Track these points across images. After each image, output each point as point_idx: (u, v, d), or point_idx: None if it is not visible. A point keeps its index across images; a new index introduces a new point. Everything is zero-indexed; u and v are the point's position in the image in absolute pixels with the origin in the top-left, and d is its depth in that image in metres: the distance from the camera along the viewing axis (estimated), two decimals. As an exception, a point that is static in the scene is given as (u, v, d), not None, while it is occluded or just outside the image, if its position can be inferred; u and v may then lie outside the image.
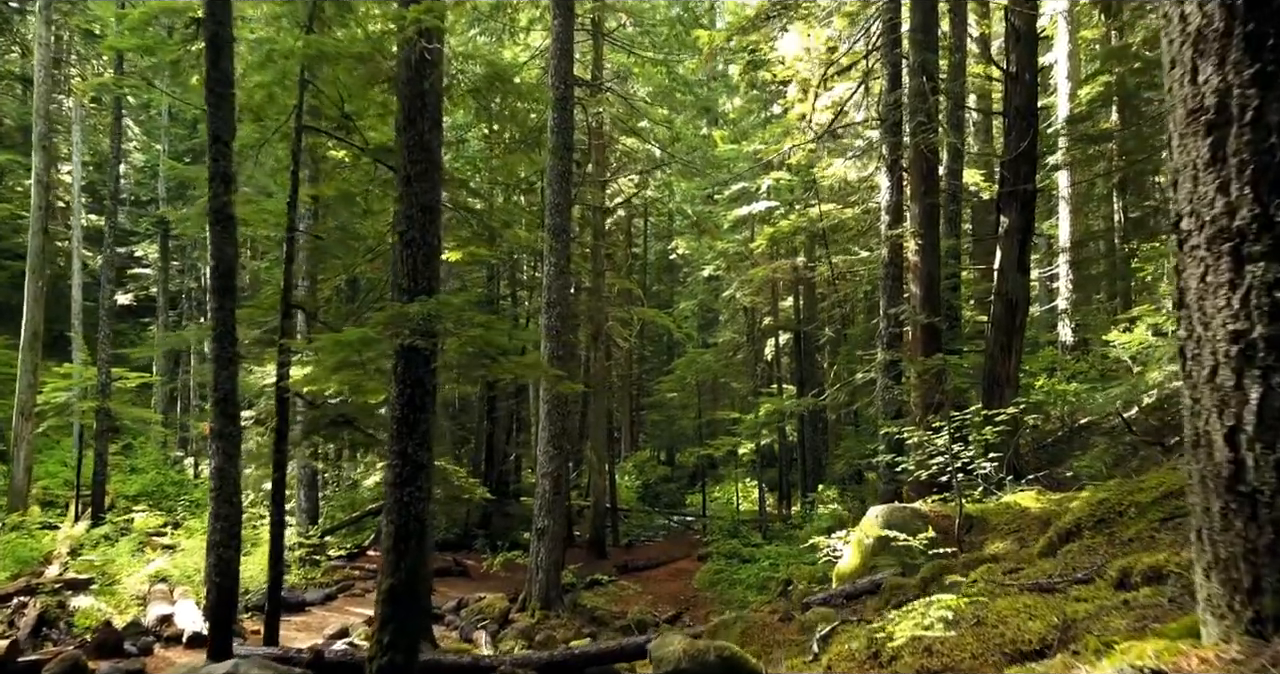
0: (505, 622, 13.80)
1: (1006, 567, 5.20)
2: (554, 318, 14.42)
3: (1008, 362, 12.22)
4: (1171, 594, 3.16)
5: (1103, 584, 3.66)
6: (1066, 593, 3.91)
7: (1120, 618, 3.04)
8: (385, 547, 6.82)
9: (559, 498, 14.40)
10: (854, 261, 22.59)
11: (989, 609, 3.78)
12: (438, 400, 23.97)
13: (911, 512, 8.54)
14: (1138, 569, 3.51)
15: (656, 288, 44.18)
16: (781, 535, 19.47)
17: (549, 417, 14.37)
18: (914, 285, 12.92)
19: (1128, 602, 3.27)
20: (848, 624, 4.79)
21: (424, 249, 7.00)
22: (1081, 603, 3.48)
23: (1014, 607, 3.65)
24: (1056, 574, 4.47)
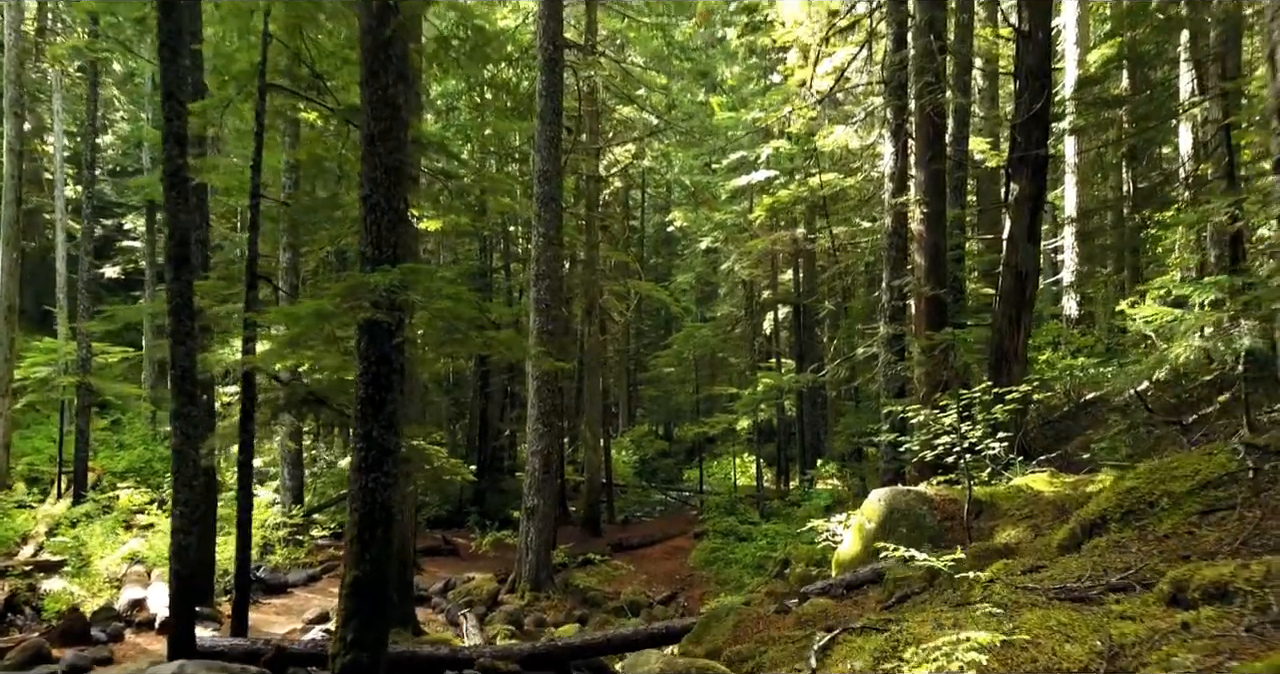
0: (494, 604, 13.39)
1: (1025, 563, 4.69)
2: (543, 291, 13.86)
3: (1016, 336, 11.68)
4: (1248, 621, 2.64)
5: (1151, 598, 3.14)
6: (1104, 604, 3.39)
7: (1182, 648, 2.53)
8: (349, 536, 6.32)
9: (549, 476, 13.94)
10: (855, 232, 21.99)
11: (1016, 623, 3.27)
12: (431, 375, 23.40)
13: (916, 495, 8.04)
14: (1196, 582, 2.99)
15: (654, 261, 43.62)
16: (779, 513, 19.04)
17: (539, 393, 13.86)
18: (918, 256, 12.34)
19: (1187, 625, 2.76)
20: (849, 634, 4.29)
21: (389, 214, 6.43)
22: (1128, 622, 2.96)
23: (1045, 622, 3.14)
24: (1086, 576, 3.95)
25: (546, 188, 13.87)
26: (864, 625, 4.26)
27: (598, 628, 13.15)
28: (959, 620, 3.58)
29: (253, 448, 8.64)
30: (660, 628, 7.79)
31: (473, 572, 16.07)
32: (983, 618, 3.50)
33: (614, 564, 15.91)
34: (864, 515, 8.33)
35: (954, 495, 8.07)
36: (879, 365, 12.45)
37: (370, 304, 6.16)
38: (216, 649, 7.87)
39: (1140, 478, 5.20)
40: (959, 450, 8.03)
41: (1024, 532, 6.88)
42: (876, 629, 4.16)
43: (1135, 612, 3.06)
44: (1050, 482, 7.95)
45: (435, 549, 17.61)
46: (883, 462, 12.41)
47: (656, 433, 38.12)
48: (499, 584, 14.41)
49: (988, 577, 4.66)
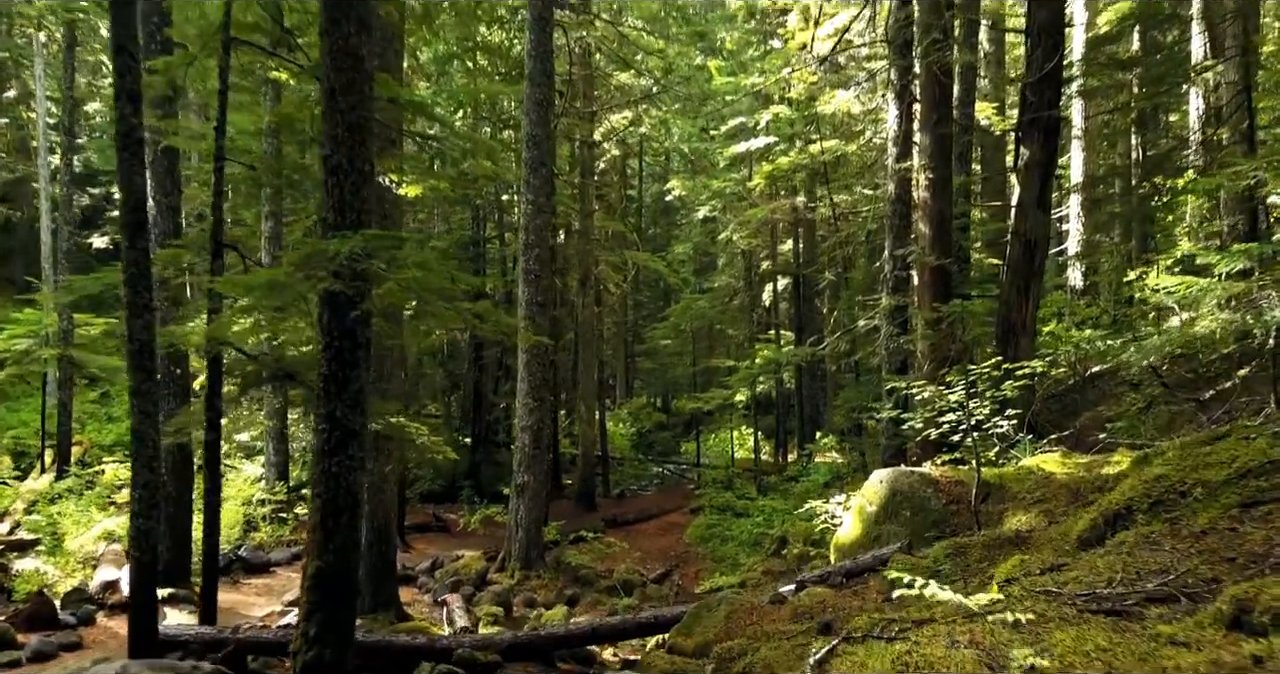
0: (482, 583, 13.01)
1: (1044, 560, 4.24)
2: (533, 261, 13.34)
3: (1024, 307, 11.18)
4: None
5: (1205, 618, 2.69)
6: (1145, 619, 2.94)
7: (1261, 695, 2.12)
8: (312, 523, 5.88)
9: (540, 452, 13.51)
10: (857, 201, 21.42)
11: (1044, 643, 2.82)
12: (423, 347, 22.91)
13: (920, 477, 7.60)
14: (1265, 603, 2.53)
15: (653, 231, 42.99)
16: (777, 488, 18.68)
17: (528, 367, 13.39)
18: (923, 224, 11.82)
19: (1260, 659, 2.31)
20: (849, 644, 3.84)
21: (352, 176, 5.91)
22: (1182, 649, 2.51)
23: (1080, 645, 2.69)
24: (1118, 581, 3.50)
25: (535, 153, 13.30)
26: (866, 633, 3.81)
27: (588, 608, 12.82)
28: (976, 637, 3.13)
29: (220, 426, 8.17)
30: (649, 617, 7.39)
31: (463, 549, 15.71)
32: (1004, 634, 3.04)
33: (607, 541, 15.56)
34: (864, 497, 7.89)
35: (960, 477, 7.63)
36: (881, 338, 11.98)
37: (331, 274, 5.67)
38: (180, 638, 7.48)
39: (1169, 464, 4.74)
40: (965, 429, 7.58)
41: (1036, 518, 6.44)
42: (881, 638, 3.71)
43: (1189, 635, 2.61)
44: (1062, 462, 7.50)
45: (425, 526, 17.26)
46: (884, 438, 11.98)
47: (654, 405, 37.74)
48: (488, 562, 14.04)
49: (1003, 575, 4.21)
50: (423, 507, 20.23)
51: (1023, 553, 5.13)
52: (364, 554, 10.39)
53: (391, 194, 10.32)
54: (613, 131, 24.00)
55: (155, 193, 11.25)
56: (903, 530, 7.32)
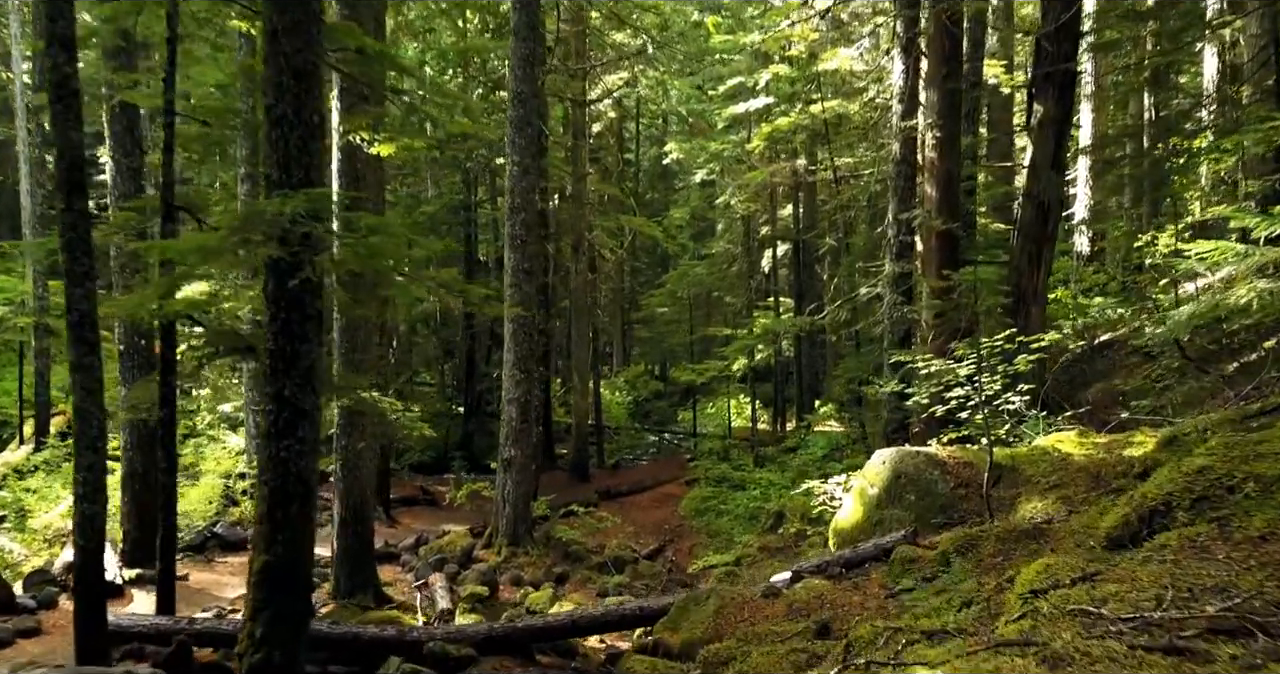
0: (468, 560, 12.55)
1: (1073, 565, 3.69)
2: (518, 225, 12.71)
3: (1036, 274, 10.59)
4: None
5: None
6: (1214, 662, 2.40)
7: None
8: (259, 513, 5.35)
9: (527, 426, 12.99)
10: (859, 163, 20.71)
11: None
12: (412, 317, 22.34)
13: (925, 458, 7.06)
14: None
15: (650, 195, 42.22)
16: (774, 459, 18.21)
17: (514, 337, 12.81)
18: (929, 186, 11.18)
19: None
20: (852, 672, 3.30)
21: (299, 129, 5.29)
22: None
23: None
24: (1169, 601, 2.95)
25: (521, 111, 12.60)
26: (869, 660, 3.28)
27: (577, 586, 12.37)
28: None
29: (174, 402, 7.62)
30: (633, 608, 6.90)
31: (451, 524, 15.27)
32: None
33: (599, 515, 15.10)
34: (866, 479, 7.36)
35: (969, 458, 7.09)
36: (883, 307, 11.39)
37: (276, 239, 5.07)
38: (133, 630, 7.00)
39: (1214, 454, 4.18)
40: (974, 405, 7.03)
41: (1053, 504, 5.91)
42: (888, 664, 3.18)
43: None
44: (1079, 442, 6.96)
45: (412, 499, 16.78)
46: (886, 411, 11.44)
47: (652, 372, 37.23)
48: (475, 539, 13.58)
49: (1026, 584, 3.67)
50: (412, 479, 19.78)
51: (1042, 547, 4.61)
52: (339, 534, 9.93)
53: (364, 154, 9.67)
54: (607, 92, 23.21)
55: (115, 152, 10.63)
56: (907, 515, 6.80)
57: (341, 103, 9.63)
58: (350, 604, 9.54)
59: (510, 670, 6.63)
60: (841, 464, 14.64)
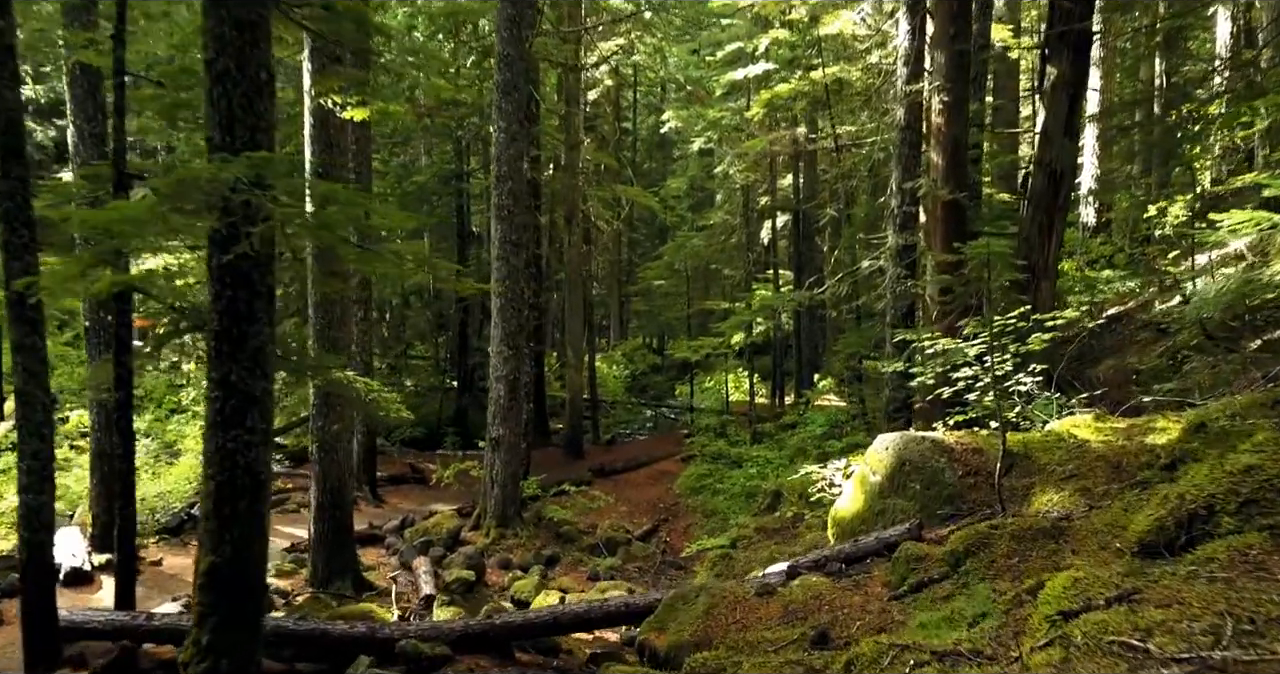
0: (455, 543, 12.16)
1: (1104, 580, 3.24)
2: (505, 195, 12.16)
3: (1047, 247, 10.10)
4: None
5: None
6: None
7: None
8: (204, 510, 4.89)
9: (516, 403, 12.54)
10: (860, 131, 20.08)
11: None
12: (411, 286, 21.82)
13: (932, 444, 6.60)
14: None
15: (648, 165, 41.54)
16: (772, 436, 17.80)
17: (502, 313, 12.32)
18: (935, 153, 10.63)
19: None
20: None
21: (242, 85, 4.76)
22: None
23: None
24: (1228, 634, 2.50)
25: (508, 74, 12.01)
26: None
27: (568, 569, 11.99)
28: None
29: (130, 383, 7.15)
30: (618, 604, 6.47)
31: (440, 503, 14.89)
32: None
33: (591, 494, 14.71)
34: (868, 465, 6.91)
35: (977, 443, 6.63)
36: (886, 281, 10.89)
37: (217, 209, 4.57)
38: (87, 626, 6.59)
39: (1264, 452, 3.71)
40: (983, 386, 6.54)
41: (1071, 497, 5.45)
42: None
43: None
44: (1096, 427, 6.50)
45: (401, 478, 16.38)
46: (888, 388, 10.97)
47: (650, 346, 36.75)
48: (463, 519, 13.19)
49: (1053, 602, 3.22)
50: (403, 455, 19.39)
51: (1062, 548, 4.17)
52: (316, 519, 9.52)
53: (337, 119, 9.12)
54: (603, 58, 22.52)
55: (76, 117, 10.08)
56: (911, 506, 6.36)
57: (312, 64, 9.07)
58: (326, 593, 9.15)
59: (487, 671, 6.22)
60: (841, 442, 14.23)
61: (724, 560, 11.75)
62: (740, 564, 11.29)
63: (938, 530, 5.99)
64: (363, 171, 14.17)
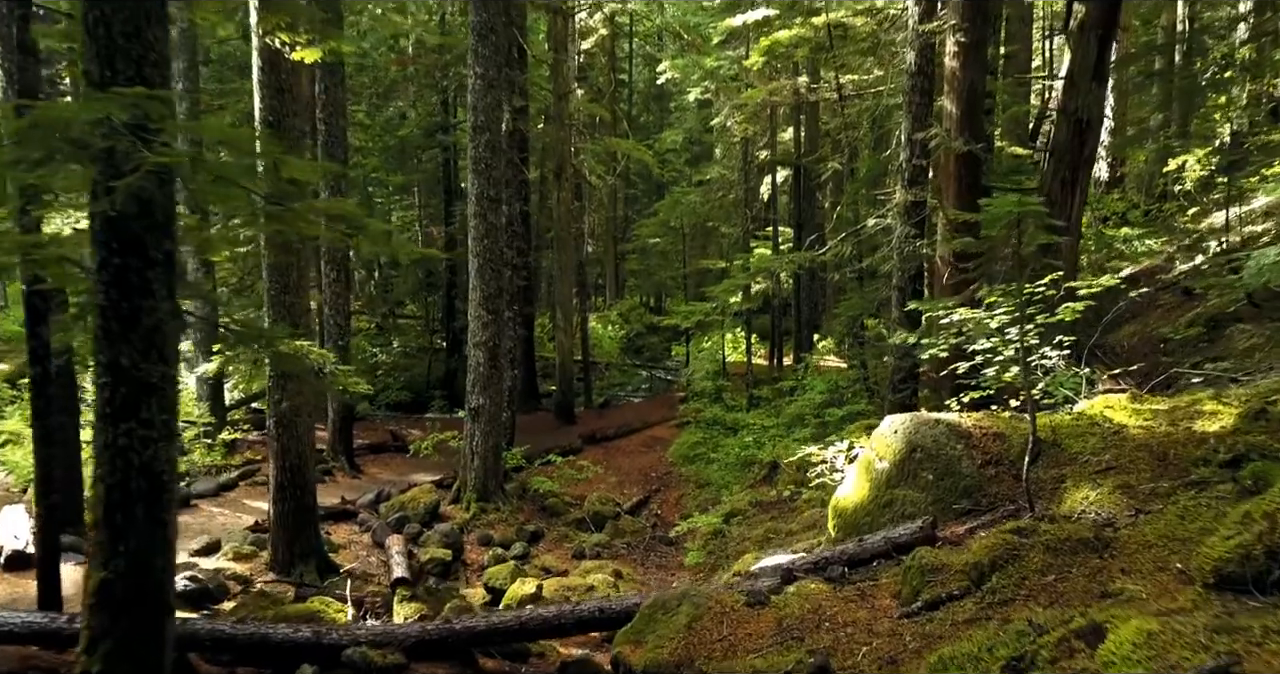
0: (433, 518, 11.51)
1: (1189, 636, 2.50)
2: (482, 146, 11.28)
3: (1070, 203, 9.25)
4: None
5: None
6: None
7: None
8: (94, 517, 4.16)
9: (496, 371, 11.79)
10: (865, 83, 19.04)
11: None
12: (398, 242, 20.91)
13: (946, 428, 5.84)
14: None
15: (645, 119, 40.36)
16: (770, 402, 17.09)
17: (480, 274, 11.51)
18: (949, 101, 9.72)
19: None
20: None
21: (126, 9, 3.91)
22: None
23: None
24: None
25: (484, 15, 11.04)
26: None
27: (552, 547, 11.34)
28: None
29: (47, 359, 6.38)
30: (591, 610, 5.76)
31: (421, 473, 14.22)
32: None
33: (579, 464, 14.03)
34: (874, 450, 6.16)
35: (999, 427, 5.87)
36: (893, 240, 10.05)
37: (88, 157, 3.74)
38: (3, 628, 5.88)
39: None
40: (1003, 360, 5.77)
41: (1111, 496, 4.71)
42: None
43: None
44: (1133, 409, 5.74)
45: (381, 446, 15.67)
46: (893, 356, 10.19)
47: (647, 304, 35.91)
48: (444, 491, 12.53)
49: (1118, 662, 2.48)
50: (386, 420, 18.70)
51: (1108, 565, 3.43)
52: (275, 499, 8.83)
53: (288, 62, 8.21)
54: (596, 4, 21.41)
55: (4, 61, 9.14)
56: (923, 498, 5.63)
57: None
58: (286, 580, 8.49)
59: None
60: (841, 409, 13.51)
61: (716, 538, 11.11)
62: (733, 542, 10.64)
63: (954, 527, 5.27)
64: (334, 123, 13.26)
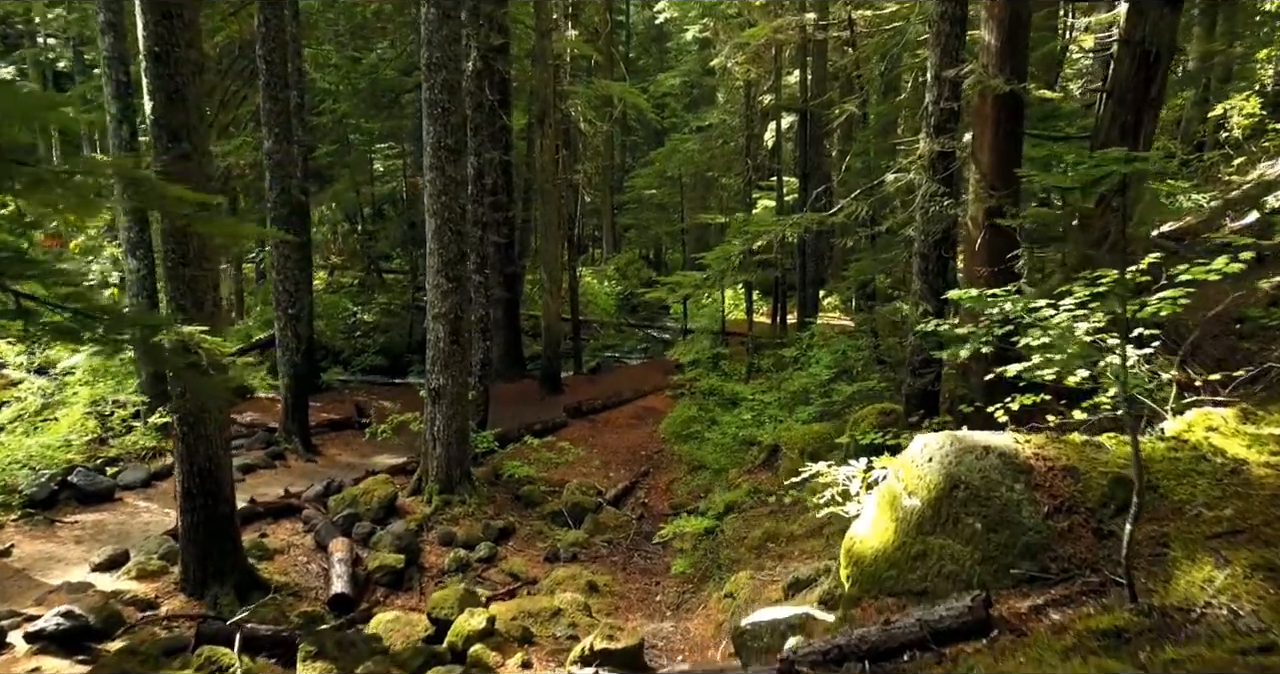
0: (390, 513, 10.21)
1: None
2: (438, 88, 9.70)
3: (1132, 154, 7.67)
4: None
5: None
6: None
7: None
8: None
9: (459, 348, 10.38)
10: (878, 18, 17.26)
11: None
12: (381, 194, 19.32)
13: (999, 459, 4.41)
14: None
15: (644, 61, 38.40)
16: (772, 371, 15.69)
17: (438, 235, 10.02)
18: (987, 31, 8.09)
19: None
20: None
21: None
22: None
23: None
24: None
25: (438, -69, 9.38)
26: None
27: (523, 546, 10.02)
28: None
29: None
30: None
31: (386, 454, 12.89)
32: None
33: (560, 446, 12.68)
34: (903, 482, 4.74)
35: (1067, 458, 4.44)
36: (917, 199, 8.52)
37: None
38: None
39: None
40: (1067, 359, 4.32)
41: (1248, 582, 3.30)
42: None
43: None
44: (1249, 433, 4.31)
45: (344, 422, 14.29)
46: (913, 334, 8.72)
47: (647, 257, 34.34)
48: (406, 478, 11.21)
49: None
50: (356, 391, 17.32)
51: None
52: (182, 509, 7.49)
53: None
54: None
55: None
56: (967, 554, 4.24)
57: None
58: (211, 593, 7.19)
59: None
60: (851, 386, 12.10)
61: (708, 537, 9.80)
62: (726, 546, 9.30)
63: (1013, 601, 3.89)
64: (275, 60, 11.65)
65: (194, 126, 6.99)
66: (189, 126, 6.95)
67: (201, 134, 7.10)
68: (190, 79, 6.94)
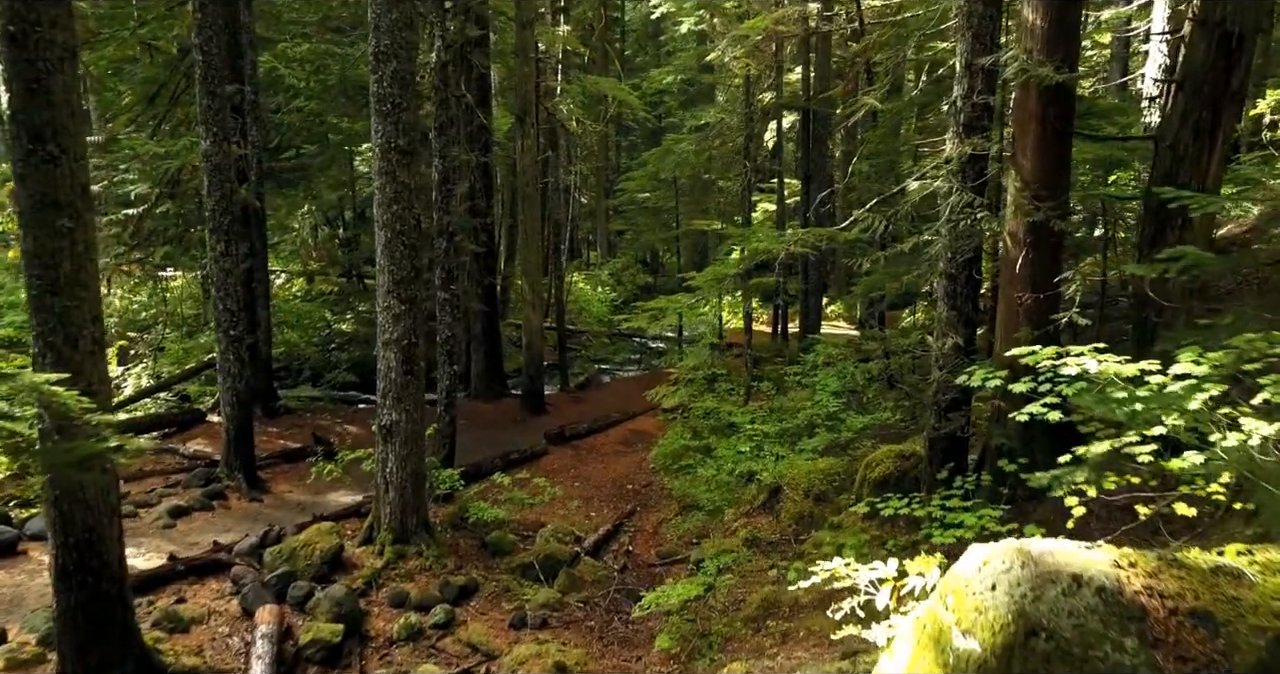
0: (335, 567, 8.88)
1: None
2: (388, 80, 8.40)
3: (1207, 157, 6.39)
4: None
5: None
6: None
7: None
8: None
9: (412, 378, 9.07)
10: (889, 7, 16.01)
11: None
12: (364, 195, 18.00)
13: (1096, 597, 3.08)
14: None
15: (640, 59, 37.22)
16: (774, 391, 14.39)
17: (388, 250, 8.71)
18: (1029, 9, 6.79)
19: None
20: None
21: None
22: None
23: None
24: None
25: (384, -102, 8.07)
26: None
27: (485, 607, 8.69)
28: None
29: None
30: None
31: (342, 493, 11.58)
32: None
33: (535, 484, 11.34)
34: (953, 613, 3.42)
35: (1194, 590, 3.12)
36: (945, 210, 7.20)
37: None
38: None
39: None
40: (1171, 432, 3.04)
41: None
42: None
43: None
44: None
45: (300, 452, 12.92)
46: (937, 367, 7.42)
47: (644, 261, 33.05)
48: (360, 520, 9.93)
49: None
50: (319, 414, 15.94)
51: None
52: (58, 590, 6.17)
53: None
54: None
55: None
56: (1055, 739, 2.91)
57: None
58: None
59: None
60: (864, 418, 10.81)
61: (699, 603, 8.48)
62: (719, 616, 7.97)
63: None
64: (213, 51, 10.34)
65: (62, 125, 5.69)
66: (56, 125, 5.65)
67: (74, 134, 5.79)
68: (57, 66, 5.65)
